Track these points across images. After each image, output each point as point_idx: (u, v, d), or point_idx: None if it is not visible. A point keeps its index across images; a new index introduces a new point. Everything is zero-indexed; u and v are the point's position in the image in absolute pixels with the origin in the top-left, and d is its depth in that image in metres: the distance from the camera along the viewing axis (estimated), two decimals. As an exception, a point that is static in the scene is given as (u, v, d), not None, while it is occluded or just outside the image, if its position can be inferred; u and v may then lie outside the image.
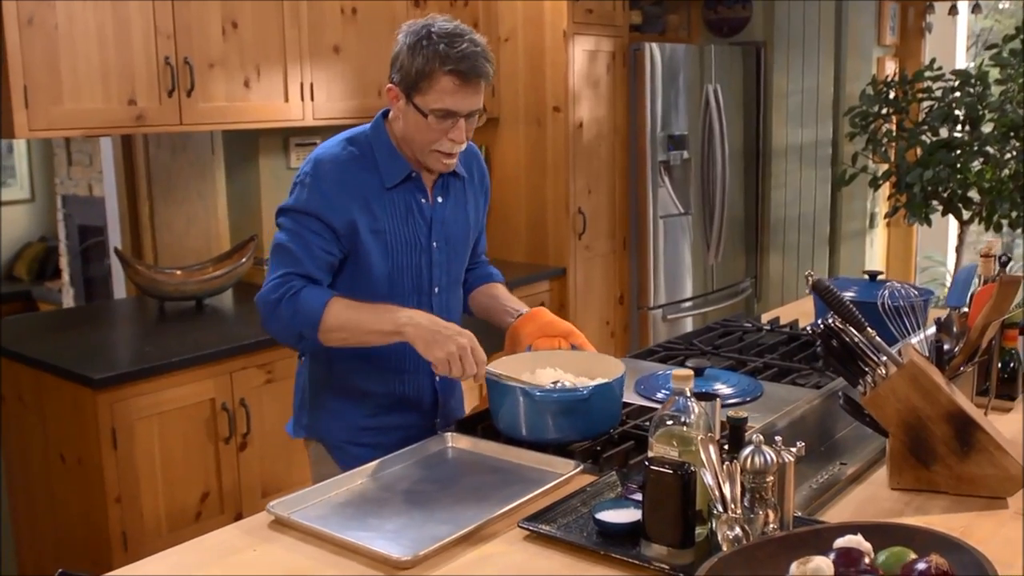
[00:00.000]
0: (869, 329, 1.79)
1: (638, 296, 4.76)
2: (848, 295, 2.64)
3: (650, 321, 4.73)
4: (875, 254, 5.60)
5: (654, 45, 4.56)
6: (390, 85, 1.99)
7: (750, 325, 2.95)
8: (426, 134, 1.97)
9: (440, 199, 2.11)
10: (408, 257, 2.05)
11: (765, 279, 5.47)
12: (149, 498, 2.89)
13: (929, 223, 4.78)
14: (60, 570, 1.49)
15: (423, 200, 2.07)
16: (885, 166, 4.81)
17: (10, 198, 8.96)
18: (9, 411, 3.19)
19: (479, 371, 1.87)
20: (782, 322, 2.99)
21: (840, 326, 1.79)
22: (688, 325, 4.77)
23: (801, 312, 3.15)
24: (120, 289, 4.99)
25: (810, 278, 1.80)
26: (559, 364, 2.08)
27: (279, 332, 1.99)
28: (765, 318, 3.09)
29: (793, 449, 1.53)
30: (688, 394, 1.56)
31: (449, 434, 2.05)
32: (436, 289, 2.12)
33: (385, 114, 2.09)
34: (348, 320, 1.92)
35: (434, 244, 2.09)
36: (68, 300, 6.63)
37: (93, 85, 3.00)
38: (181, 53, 3.19)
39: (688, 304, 4.91)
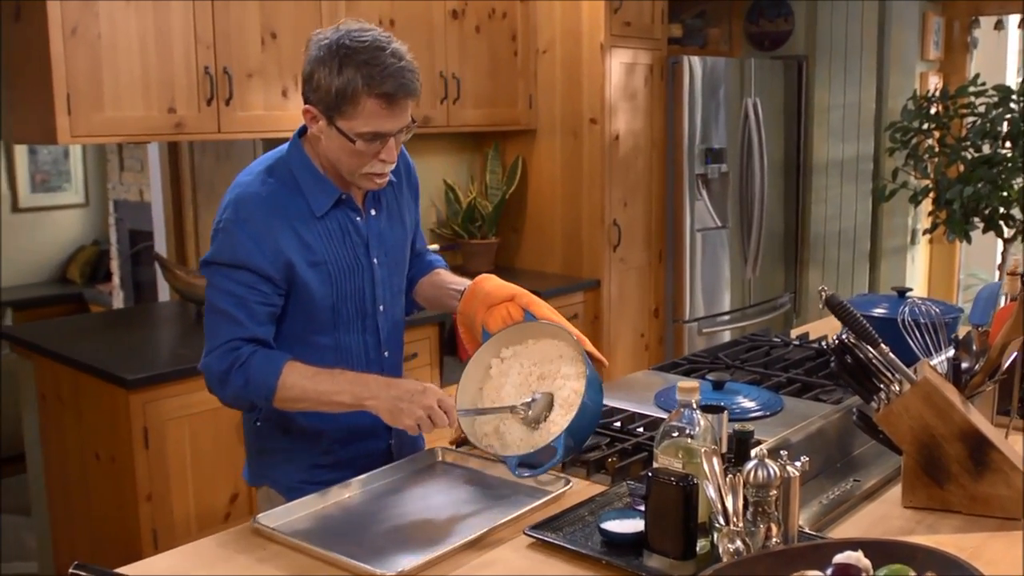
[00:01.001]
0: (883, 345, 1.78)
1: (673, 309, 4.75)
2: (878, 312, 2.63)
3: (685, 334, 4.72)
4: (917, 271, 5.53)
5: (694, 58, 4.56)
6: (307, 106, 1.80)
7: (778, 340, 2.95)
8: (354, 158, 1.80)
9: (374, 212, 1.96)
10: (351, 282, 1.92)
11: (804, 294, 5.43)
12: (179, 497, 2.94)
13: (969, 240, 4.72)
14: (76, 562, 1.53)
15: (357, 218, 1.93)
16: (926, 182, 4.75)
17: (65, 202, 9.17)
18: (48, 409, 3.28)
19: (451, 418, 1.77)
20: (812, 337, 2.98)
21: (853, 342, 1.79)
22: (724, 339, 4.74)
23: (834, 328, 3.11)
24: (165, 293, 5.09)
25: (823, 293, 1.80)
26: (516, 363, 1.95)
27: (231, 401, 1.86)
28: (794, 333, 3.08)
29: (798, 464, 1.53)
30: (694, 406, 1.57)
31: (439, 448, 2.03)
32: (381, 307, 1.99)
33: (302, 132, 1.91)
34: (306, 392, 1.79)
35: (375, 261, 1.95)
36: (118, 303, 6.76)
37: (134, 93, 3.08)
38: (220, 63, 3.26)
39: (725, 318, 4.89)
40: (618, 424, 2.17)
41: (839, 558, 1.34)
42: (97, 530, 3.12)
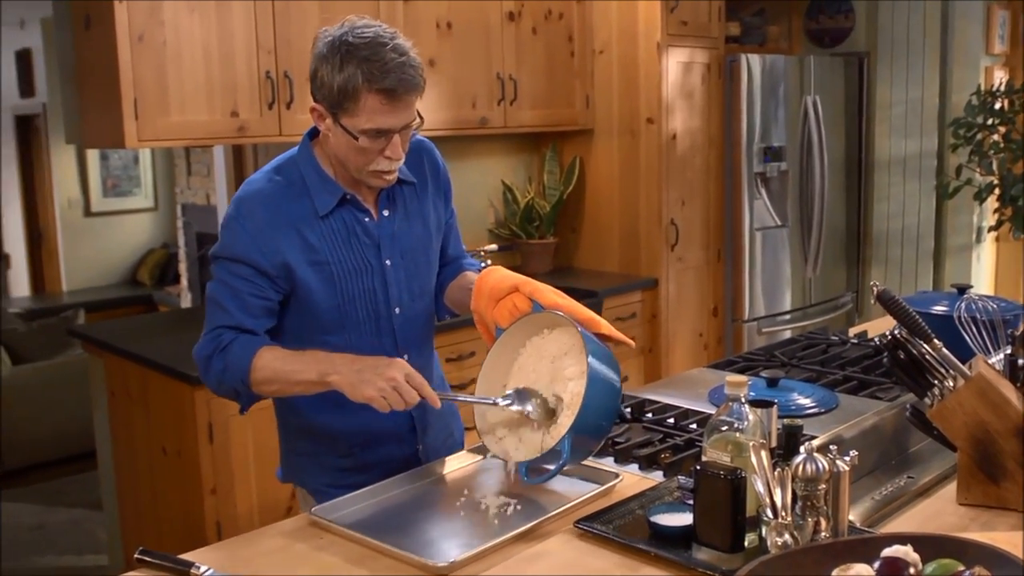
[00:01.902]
0: (936, 341, 1.77)
1: (733, 308, 4.73)
2: (937, 309, 2.60)
3: (745, 334, 4.69)
4: (982, 269, 5.43)
5: (752, 56, 4.54)
6: (313, 104, 1.80)
7: (835, 338, 2.92)
8: (360, 156, 1.78)
9: (387, 212, 1.92)
10: (358, 283, 1.88)
11: (866, 293, 5.36)
12: (243, 491, 3.01)
13: (1034, 237, 4.63)
14: (140, 548, 1.59)
15: (366, 219, 1.89)
16: (991, 178, 4.67)
17: (135, 207, 9.42)
18: (118, 406, 3.38)
19: (426, 393, 1.71)
20: (870, 336, 2.95)
21: (906, 337, 1.78)
22: (784, 338, 4.70)
23: (892, 327, 3.09)
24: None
25: (875, 288, 1.79)
26: (533, 358, 1.88)
27: (216, 388, 1.86)
28: (853, 331, 3.05)
29: (847, 458, 1.53)
30: (743, 400, 1.58)
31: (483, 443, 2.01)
32: (397, 310, 1.94)
33: (313, 133, 1.90)
34: (276, 372, 1.78)
35: (387, 262, 1.91)
36: (186, 303, 6.91)
37: (198, 98, 3.16)
38: (281, 67, 3.33)
39: (786, 317, 4.85)
40: (671, 420, 2.18)
41: (888, 552, 1.34)
42: (164, 523, 3.21)
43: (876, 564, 1.31)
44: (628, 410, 2.25)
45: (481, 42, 3.99)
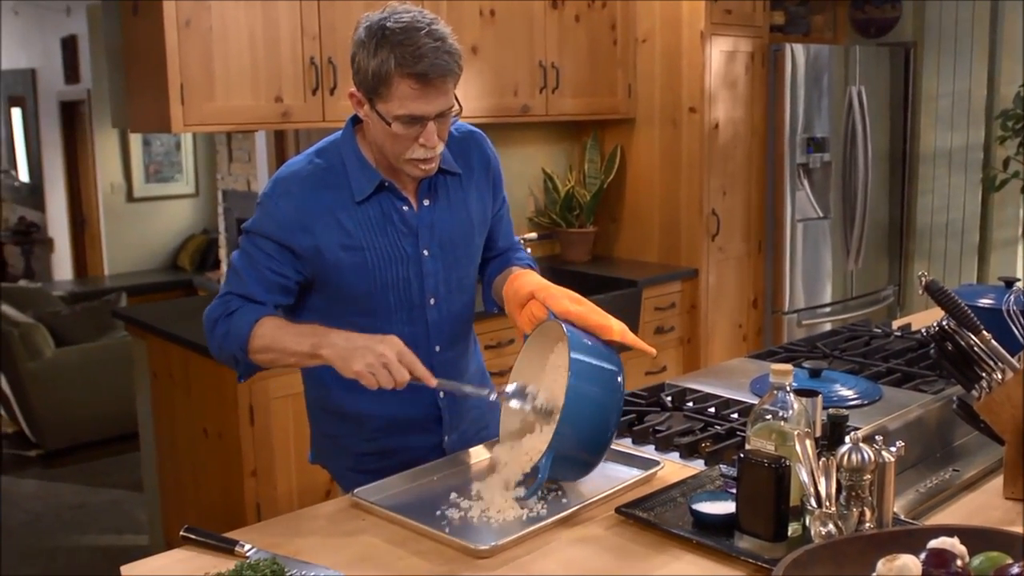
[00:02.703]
0: (985, 333, 1.74)
1: (773, 300, 4.69)
2: (983, 302, 2.56)
3: (784, 325, 4.66)
4: (1029, 264, 5.34)
5: (796, 46, 4.49)
6: (351, 90, 1.79)
7: (879, 330, 2.90)
8: (395, 143, 1.77)
9: (427, 202, 1.90)
10: (392, 271, 1.86)
11: (909, 287, 5.30)
12: (283, 473, 3.04)
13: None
14: (185, 526, 1.61)
15: (405, 207, 1.87)
16: (1039, 172, 4.59)
17: (177, 192, 9.51)
18: (160, 388, 3.42)
19: (418, 372, 1.68)
20: (914, 328, 2.92)
21: (954, 329, 1.76)
22: (824, 330, 4.66)
23: (938, 319, 3.06)
24: (269, 279, 5.25)
25: (923, 279, 1.77)
26: (556, 371, 1.82)
27: (217, 352, 1.86)
28: (896, 324, 3.02)
29: (893, 449, 1.51)
30: (788, 389, 1.57)
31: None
32: (432, 300, 1.92)
33: (356, 118, 1.88)
34: (273, 341, 1.77)
35: (424, 252, 1.89)
36: (224, 289, 6.96)
37: (243, 83, 3.19)
38: (325, 53, 3.35)
39: (826, 310, 4.81)
40: (712, 409, 2.18)
41: (934, 543, 1.32)
42: (204, 504, 3.25)
43: (922, 556, 1.29)
44: (669, 399, 2.25)
45: (524, 29, 3.98)
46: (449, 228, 1.92)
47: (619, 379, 1.73)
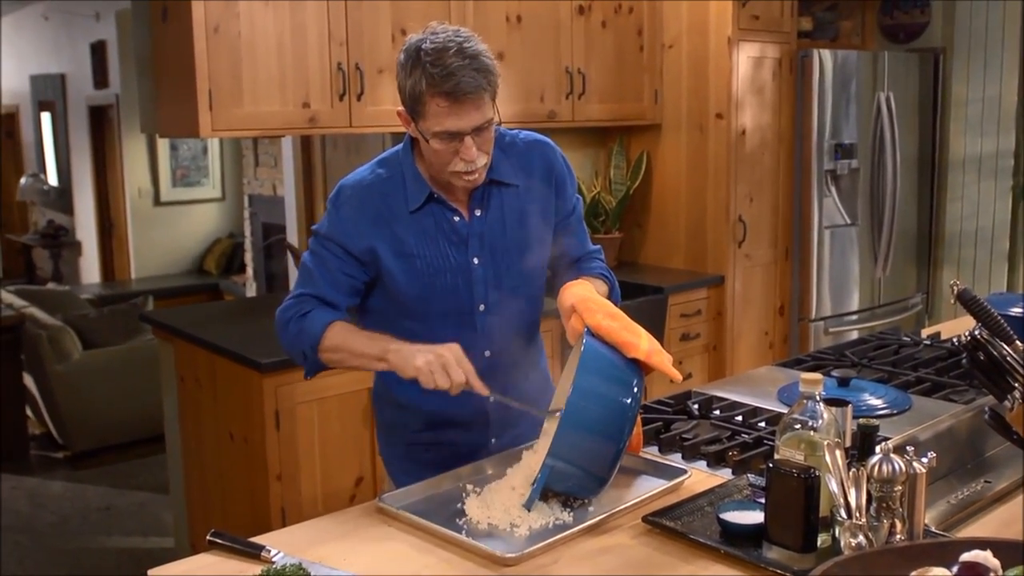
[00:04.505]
0: (1018, 343, 1.72)
1: (799, 307, 4.66)
2: (1015, 311, 2.53)
3: (811, 333, 4.62)
4: (1060, 272, 5.28)
5: (824, 52, 4.46)
6: (399, 108, 1.88)
7: (908, 339, 2.87)
8: (437, 157, 1.85)
9: (479, 212, 1.96)
10: (441, 277, 1.94)
11: (937, 295, 5.25)
12: (307, 478, 3.05)
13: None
14: (212, 531, 1.61)
15: (456, 218, 1.94)
16: (1071, 179, 4.54)
17: (203, 197, 9.57)
18: (187, 391, 3.44)
19: (473, 381, 1.75)
20: (943, 337, 2.89)
21: (987, 338, 1.74)
22: (852, 338, 4.63)
23: (968, 328, 3.02)
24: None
25: (955, 287, 1.75)
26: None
27: (288, 348, 1.97)
28: (925, 333, 2.99)
29: (924, 460, 1.49)
30: (818, 398, 1.55)
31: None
32: (481, 307, 1.97)
33: None
34: (343, 342, 1.88)
35: (474, 261, 1.95)
36: (251, 292, 7.00)
37: (271, 89, 3.20)
38: (353, 59, 3.36)
39: (853, 317, 4.77)
40: (739, 418, 2.16)
41: (966, 556, 1.30)
42: (229, 507, 3.26)
43: (954, 569, 1.28)
44: (696, 407, 2.24)
45: (550, 35, 3.98)
46: (502, 237, 1.98)
47: (625, 400, 1.72)
